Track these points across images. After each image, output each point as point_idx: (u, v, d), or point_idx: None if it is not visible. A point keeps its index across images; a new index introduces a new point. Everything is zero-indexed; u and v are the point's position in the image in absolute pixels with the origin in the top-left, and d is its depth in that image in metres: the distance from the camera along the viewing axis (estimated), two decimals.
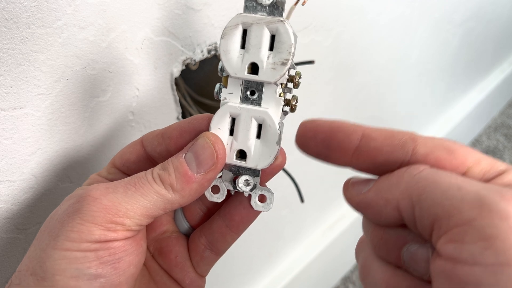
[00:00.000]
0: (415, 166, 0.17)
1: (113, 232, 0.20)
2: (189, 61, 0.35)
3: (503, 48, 1.19)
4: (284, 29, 0.21)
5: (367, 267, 0.19)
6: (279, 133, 0.22)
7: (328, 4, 0.46)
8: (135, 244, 0.21)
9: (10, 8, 0.22)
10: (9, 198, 0.27)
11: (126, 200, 0.20)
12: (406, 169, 0.17)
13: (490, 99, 1.20)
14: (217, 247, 0.25)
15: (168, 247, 0.25)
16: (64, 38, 0.25)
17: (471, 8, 0.82)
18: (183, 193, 0.21)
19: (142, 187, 0.21)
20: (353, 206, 0.19)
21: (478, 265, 0.13)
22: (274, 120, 0.22)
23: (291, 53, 0.21)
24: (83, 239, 0.19)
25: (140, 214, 0.20)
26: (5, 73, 0.23)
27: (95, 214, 0.19)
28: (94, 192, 0.20)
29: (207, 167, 0.21)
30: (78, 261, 0.19)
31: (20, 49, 0.23)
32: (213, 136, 0.22)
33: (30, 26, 0.23)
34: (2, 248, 0.28)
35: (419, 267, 0.17)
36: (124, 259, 0.20)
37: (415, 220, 0.16)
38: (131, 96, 0.32)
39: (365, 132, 0.18)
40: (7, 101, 0.24)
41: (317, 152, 0.20)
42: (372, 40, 0.59)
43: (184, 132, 0.23)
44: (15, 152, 0.26)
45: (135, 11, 0.28)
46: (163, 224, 0.26)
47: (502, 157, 1.22)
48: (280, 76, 0.21)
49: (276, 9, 0.21)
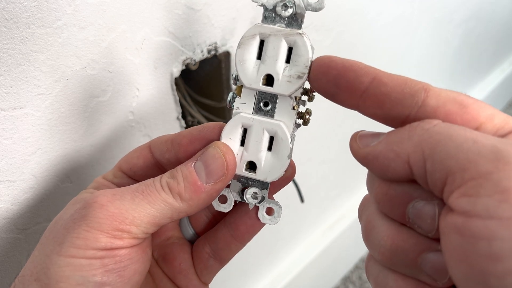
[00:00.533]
0: (428, 120, 0.16)
1: (119, 239, 0.19)
2: (189, 61, 0.35)
3: (503, 48, 1.19)
4: (302, 42, 0.20)
5: (370, 225, 0.19)
6: (291, 147, 0.21)
7: (328, 3, 0.46)
8: (141, 251, 0.21)
9: (10, 8, 0.22)
10: (9, 198, 0.27)
11: (133, 208, 0.20)
12: (419, 123, 0.16)
13: (490, 99, 1.20)
14: (221, 255, 0.24)
15: (173, 254, 0.25)
16: (64, 38, 0.25)
17: (471, 8, 0.82)
18: (191, 202, 0.21)
19: (149, 195, 0.20)
20: (359, 158, 0.18)
21: (493, 219, 0.13)
22: (286, 133, 0.21)
23: (308, 67, 0.20)
24: (88, 246, 0.19)
25: (147, 222, 0.20)
26: (5, 73, 0.23)
27: (101, 221, 0.19)
28: (101, 199, 0.20)
29: (217, 177, 0.21)
30: (84, 269, 0.19)
31: (20, 49, 0.23)
32: (224, 146, 0.22)
33: (30, 26, 0.23)
34: (2, 248, 0.28)
35: (425, 224, 0.17)
36: (129, 267, 0.20)
37: (425, 175, 0.16)
38: (131, 96, 0.32)
39: (377, 76, 0.17)
40: (7, 101, 0.24)
41: (326, 89, 0.19)
42: (372, 40, 0.59)
43: (195, 140, 0.23)
44: (15, 152, 0.26)
45: (135, 11, 0.28)
46: (168, 230, 0.26)
47: None
48: (295, 90, 0.21)
49: (295, 21, 0.21)
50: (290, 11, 0.21)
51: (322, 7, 0.20)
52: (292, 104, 0.21)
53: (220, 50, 0.37)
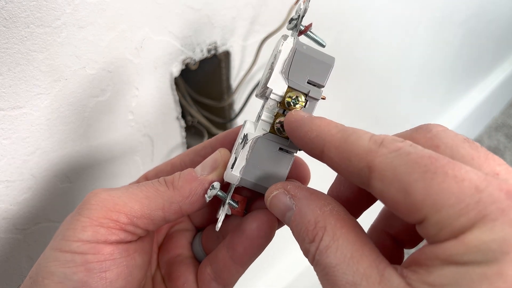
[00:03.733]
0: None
1: (105, 229, 0.19)
2: (189, 60, 0.35)
3: (504, 47, 1.19)
4: (278, 42, 0.21)
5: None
6: (238, 141, 0.22)
7: (328, 3, 0.46)
8: (126, 254, 0.20)
9: (9, 8, 0.22)
10: (8, 198, 0.27)
11: (126, 195, 0.20)
12: None
13: (491, 98, 1.20)
14: (223, 278, 0.23)
15: (178, 272, 0.24)
16: (63, 38, 0.25)
17: (472, 7, 0.82)
18: (182, 191, 0.21)
19: (144, 185, 0.21)
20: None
21: None
22: (243, 130, 0.22)
23: (271, 63, 0.21)
24: (75, 237, 0.19)
25: (137, 210, 0.20)
26: (4, 72, 0.23)
27: (92, 207, 0.20)
28: (97, 190, 0.21)
29: (210, 169, 0.22)
30: (66, 265, 0.19)
31: (19, 48, 0.23)
32: (224, 149, 0.23)
33: (29, 25, 0.23)
34: (1, 249, 0.28)
35: None
36: (112, 270, 0.20)
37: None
38: (131, 96, 0.31)
39: (325, 148, 0.18)
40: (6, 101, 0.24)
41: (301, 146, 0.20)
42: (372, 40, 0.59)
43: (226, 142, 0.24)
44: (14, 152, 0.26)
45: (135, 10, 0.28)
46: (178, 247, 0.26)
47: (503, 157, 1.22)
48: (261, 88, 0.21)
49: (293, 29, 0.22)
50: (294, 23, 0.22)
51: (305, 8, 0.21)
52: (274, 109, 0.22)
53: (220, 50, 0.37)
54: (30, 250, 0.30)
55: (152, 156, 0.37)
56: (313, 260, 0.16)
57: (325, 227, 0.16)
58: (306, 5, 0.21)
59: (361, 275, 0.15)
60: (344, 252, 0.15)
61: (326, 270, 0.16)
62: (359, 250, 0.15)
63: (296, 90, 0.21)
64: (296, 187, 0.19)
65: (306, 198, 0.18)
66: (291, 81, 0.21)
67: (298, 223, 0.18)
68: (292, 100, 0.21)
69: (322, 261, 0.16)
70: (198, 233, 0.27)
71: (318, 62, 0.21)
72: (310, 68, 0.21)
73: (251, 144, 0.21)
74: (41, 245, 0.30)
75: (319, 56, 0.21)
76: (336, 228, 0.16)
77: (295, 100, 0.21)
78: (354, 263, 0.15)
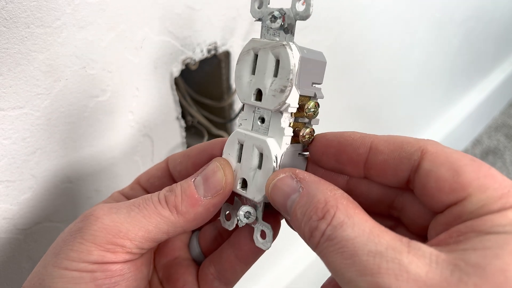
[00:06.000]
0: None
1: (112, 253, 0.19)
2: (189, 60, 0.35)
3: (504, 47, 1.19)
4: (285, 53, 0.19)
5: None
6: (274, 165, 0.20)
7: (328, 3, 0.46)
8: (134, 269, 0.20)
9: (9, 8, 0.22)
10: (8, 198, 0.27)
11: (128, 221, 0.20)
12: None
13: (491, 99, 1.20)
14: (226, 277, 0.23)
15: (177, 275, 0.24)
16: (64, 38, 0.25)
17: (472, 7, 0.82)
18: (187, 216, 0.20)
19: (145, 208, 0.20)
20: None
21: None
22: (270, 150, 0.20)
23: (289, 79, 0.19)
24: (81, 259, 0.19)
25: (142, 236, 0.20)
26: (4, 72, 0.23)
27: (96, 234, 0.19)
28: (97, 212, 0.20)
29: (214, 191, 0.21)
30: (74, 281, 0.19)
31: (19, 48, 0.23)
32: (224, 161, 0.22)
33: (29, 25, 0.23)
34: (1, 249, 0.28)
35: None
36: (121, 284, 0.20)
37: None
38: (131, 96, 0.31)
39: (372, 144, 0.18)
40: (6, 101, 0.24)
41: (331, 167, 0.20)
42: (373, 40, 0.59)
43: (202, 151, 0.23)
44: (14, 152, 0.26)
45: (135, 10, 0.28)
46: (175, 250, 0.26)
47: (503, 157, 1.22)
48: (279, 104, 0.20)
49: (287, 32, 0.20)
50: (280, 22, 0.20)
51: (308, 14, 0.19)
52: (284, 120, 0.20)
53: (220, 50, 0.37)
54: (30, 250, 0.30)
55: (152, 156, 0.37)
56: (323, 236, 0.16)
57: (337, 205, 0.16)
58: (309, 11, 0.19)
59: (386, 246, 0.14)
60: (362, 227, 0.15)
61: (342, 243, 0.15)
62: (378, 227, 0.15)
63: (305, 96, 0.21)
64: (304, 172, 0.19)
65: (315, 182, 0.18)
66: (302, 89, 0.20)
67: (305, 203, 0.17)
68: (311, 110, 0.21)
69: (337, 234, 0.15)
70: (194, 234, 0.27)
71: (316, 62, 0.20)
72: (312, 71, 0.20)
73: (279, 162, 0.20)
74: (42, 245, 0.30)
75: (315, 56, 0.20)
76: (349, 208, 0.16)
77: (314, 109, 0.21)
78: (375, 236, 0.15)
